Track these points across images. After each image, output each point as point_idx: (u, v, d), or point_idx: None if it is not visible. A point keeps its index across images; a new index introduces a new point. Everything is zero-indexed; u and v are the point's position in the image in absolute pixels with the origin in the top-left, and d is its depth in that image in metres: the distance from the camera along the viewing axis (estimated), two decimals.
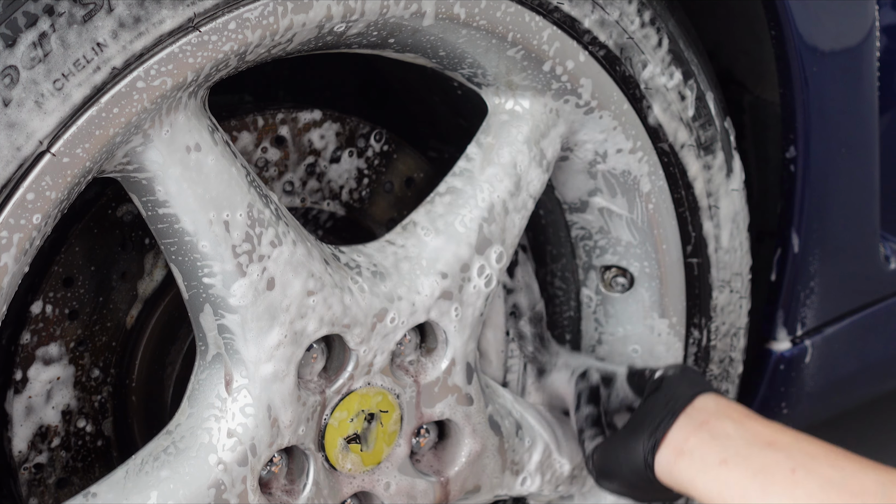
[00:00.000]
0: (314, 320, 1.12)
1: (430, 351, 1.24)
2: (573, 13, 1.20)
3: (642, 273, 1.38)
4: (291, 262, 1.10)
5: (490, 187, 1.22)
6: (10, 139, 0.92)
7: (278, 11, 1.02)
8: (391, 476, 1.23)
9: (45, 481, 1.19)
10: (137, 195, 1.05)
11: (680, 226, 1.37)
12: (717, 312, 1.44)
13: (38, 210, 0.95)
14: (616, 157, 1.31)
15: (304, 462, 1.17)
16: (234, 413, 1.10)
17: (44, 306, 1.15)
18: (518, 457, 1.33)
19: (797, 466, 1.16)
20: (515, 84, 1.22)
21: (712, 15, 1.40)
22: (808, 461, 1.17)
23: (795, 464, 1.16)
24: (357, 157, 1.29)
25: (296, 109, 1.24)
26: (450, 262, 1.20)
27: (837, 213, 1.47)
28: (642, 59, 1.27)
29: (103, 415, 1.22)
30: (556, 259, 1.43)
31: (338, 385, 1.17)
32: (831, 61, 1.37)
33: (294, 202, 1.27)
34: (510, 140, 1.23)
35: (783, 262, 1.47)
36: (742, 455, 1.20)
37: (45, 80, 0.92)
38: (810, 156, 1.41)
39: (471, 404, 1.27)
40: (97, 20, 0.93)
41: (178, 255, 1.06)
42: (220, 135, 1.06)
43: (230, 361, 1.10)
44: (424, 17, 1.12)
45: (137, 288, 1.21)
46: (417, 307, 1.19)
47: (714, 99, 1.35)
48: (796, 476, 1.15)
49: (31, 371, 1.15)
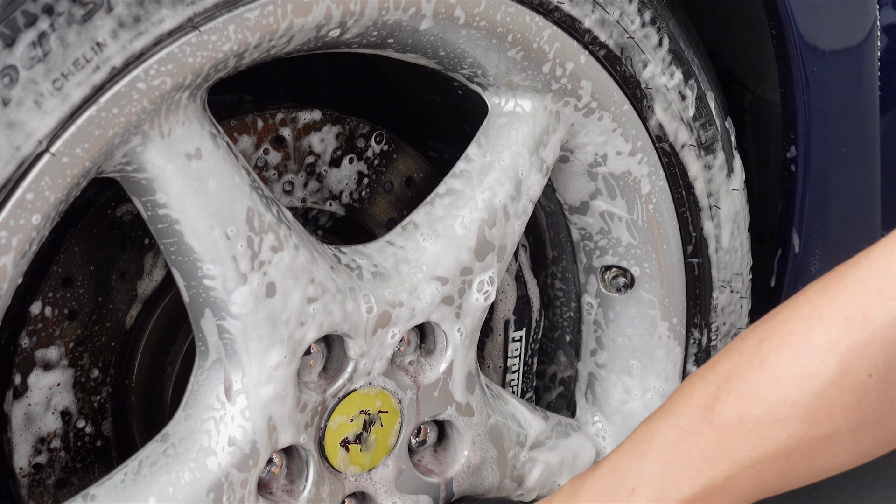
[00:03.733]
0: (314, 328, 1.12)
1: (429, 352, 1.24)
2: (573, 13, 1.20)
3: (643, 273, 1.38)
4: (292, 267, 1.10)
5: (490, 191, 1.22)
6: (9, 139, 0.91)
7: (278, 12, 1.02)
8: (391, 476, 1.23)
9: (45, 482, 1.19)
10: (137, 196, 1.04)
11: (680, 226, 1.37)
12: (717, 313, 1.44)
13: (37, 210, 0.95)
14: (616, 159, 1.31)
15: (303, 463, 1.17)
16: (233, 416, 1.10)
17: (43, 307, 1.15)
18: (518, 472, 1.33)
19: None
20: (516, 84, 1.22)
21: (713, 14, 1.40)
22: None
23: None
24: (357, 156, 1.29)
25: (295, 109, 1.24)
26: (450, 267, 1.20)
27: (838, 213, 1.47)
28: (643, 59, 1.27)
29: (102, 415, 1.21)
30: (557, 261, 1.43)
31: (337, 386, 1.16)
32: (832, 61, 1.37)
33: (294, 202, 1.26)
34: (510, 142, 1.23)
35: (784, 262, 1.47)
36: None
37: (45, 80, 0.92)
38: (811, 155, 1.40)
39: (471, 414, 1.27)
40: (97, 20, 0.93)
41: (178, 255, 1.06)
42: (221, 137, 1.06)
43: (230, 367, 1.10)
44: (424, 19, 1.12)
45: (137, 288, 1.20)
46: (417, 312, 1.19)
47: (715, 99, 1.35)
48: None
49: (31, 372, 1.15)
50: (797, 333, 1.01)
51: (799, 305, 1.02)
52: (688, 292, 1.41)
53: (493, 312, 1.42)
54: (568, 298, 1.44)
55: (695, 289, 1.41)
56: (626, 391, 1.44)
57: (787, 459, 1.03)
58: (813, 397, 1.00)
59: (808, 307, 1.01)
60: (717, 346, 1.46)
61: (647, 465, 1.08)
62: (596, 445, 1.43)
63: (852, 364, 0.98)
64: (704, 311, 1.43)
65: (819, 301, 1.01)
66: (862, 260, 1.01)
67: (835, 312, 0.99)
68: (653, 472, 1.08)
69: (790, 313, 1.03)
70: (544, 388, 1.51)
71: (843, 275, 1.01)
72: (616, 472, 1.11)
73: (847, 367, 0.98)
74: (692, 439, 1.06)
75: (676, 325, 1.41)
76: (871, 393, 0.98)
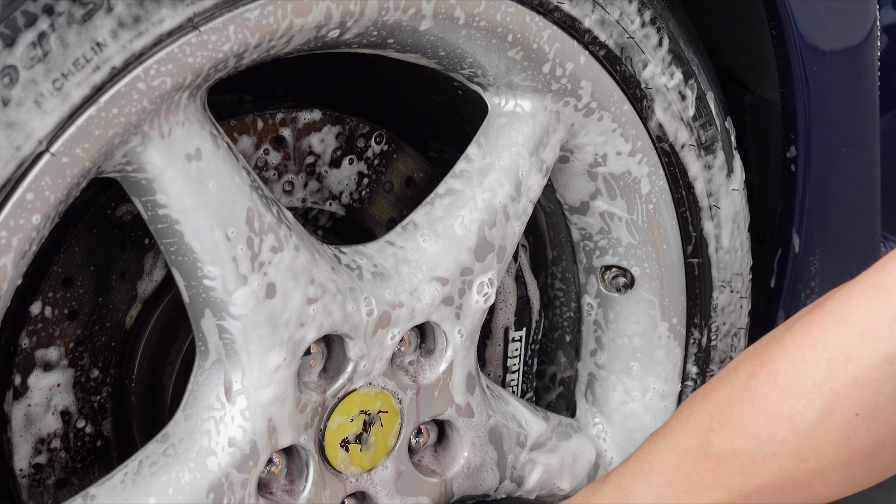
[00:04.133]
0: (314, 328, 1.12)
1: (429, 352, 1.24)
2: (573, 13, 1.20)
3: (643, 273, 1.38)
4: (293, 268, 1.09)
5: (490, 191, 1.22)
6: (9, 139, 0.91)
7: (278, 12, 1.02)
8: (391, 477, 1.23)
9: (45, 482, 1.19)
10: (137, 196, 1.04)
11: (680, 226, 1.37)
12: (717, 313, 1.44)
13: (37, 210, 0.95)
14: (616, 159, 1.31)
15: (303, 463, 1.17)
16: (233, 416, 1.10)
17: (43, 307, 1.15)
18: (518, 473, 1.33)
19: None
20: (516, 84, 1.22)
21: (713, 14, 1.40)
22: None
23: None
24: (357, 156, 1.29)
25: (295, 109, 1.24)
26: (450, 267, 1.20)
27: (838, 213, 1.47)
28: (643, 59, 1.27)
29: (102, 415, 1.21)
30: (557, 261, 1.43)
31: (337, 386, 1.16)
32: (832, 61, 1.37)
33: (294, 202, 1.26)
34: (510, 142, 1.23)
35: (784, 262, 1.47)
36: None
37: (45, 80, 0.92)
38: (811, 155, 1.40)
39: (471, 415, 1.27)
40: (96, 20, 0.93)
41: (179, 255, 1.06)
42: (221, 137, 1.06)
43: (230, 367, 1.10)
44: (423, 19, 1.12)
45: (137, 288, 1.20)
46: (417, 312, 1.19)
47: (714, 99, 1.35)
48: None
49: (31, 373, 1.15)
50: (783, 373, 1.02)
51: (784, 343, 1.03)
52: (688, 292, 1.40)
53: (493, 313, 1.42)
54: (568, 299, 1.44)
55: (695, 289, 1.41)
56: (625, 392, 1.44)
57: (781, 490, 1.04)
58: (801, 435, 1.01)
59: (793, 346, 1.02)
60: (716, 346, 1.46)
61: (649, 486, 1.11)
62: (597, 447, 1.43)
63: (838, 405, 0.99)
64: (704, 311, 1.43)
65: (803, 340, 1.02)
66: (843, 297, 1.01)
67: (818, 354, 1.00)
68: (655, 492, 1.11)
69: (776, 350, 1.04)
70: (544, 389, 1.51)
71: (825, 312, 1.02)
72: (622, 490, 1.14)
73: (833, 408, 0.99)
74: (690, 465, 1.09)
75: (676, 325, 1.41)
76: (860, 431, 0.99)
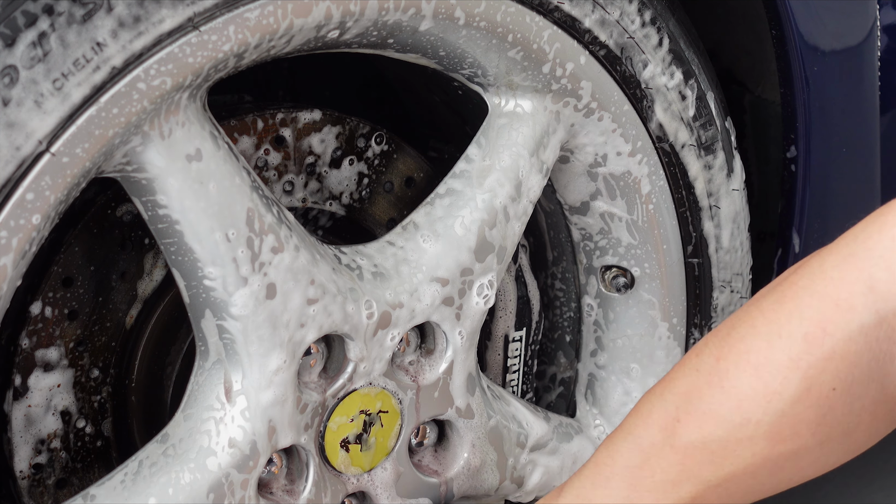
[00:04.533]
0: (314, 329, 1.12)
1: (429, 352, 1.23)
2: (573, 13, 1.20)
3: (643, 274, 1.38)
4: (293, 268, 1.09)
5: (490, 192, 1.22)
6: (9, 139, 0.91)
7: (278, 13, 1.02)
8: (391, 477, 1.23)
9: (45, 482, 1.19)
10: (137, 196, 1.04)
11: (680, 226, 1.37)
12: (718, 313, 1.44)
13: (37, 210, 0.95)
14: (616, 159, 1.31)
15: (303, 463, 1.16)
16: (233, 417, 1.10)
17: (43, 307, 1.15)
18: (518, 474, 1.33)
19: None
20: (516, 84, 1.22)
21: (713, 14, 1.40)
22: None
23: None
24: (357, 157, 1.29)
25: (296, 109, 1.24)
26: (450, 268, 1.20)
27: (838, 213, 1.47)
28: (643, 59, 1.27)
29: (103, 415, 1.21)
30: (557, 261, 1.43)
31: (337, 386, 1.16)
32: (832, 61, 1.37)
33: (294, 203, 1.26)
34: (510, 143, 1.23)
35: (784, 262, 1.47)
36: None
37: (45, 80, 0.92)
38: (811, 155, 1.40)
39: (472, 416, 1.27)
40: (97, 19, 0.93)
41: (179, 255, 1.06)
42: (222, 138, 1.06)
43: (230, 368, 1.10)
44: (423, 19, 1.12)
45: (137, 288, 1.20)
46: (417, 313, 1.18)
47: (715, 99, 1.35)
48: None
49: (31, 373, 1.15)
50: (756, 351, 0.99)
51: (754, 321, 1.00)
52: (688, 292, 1.40)
53: (493, 314, 1.42)
54: (568, 299, 1.44)
55: (695, 289, 1.41)
56: (626, 392, 1.44)
57: (753, 477, 1.02)
58: (777, 415, 0.98)
59: (765, 323, 0.99)
60: None
61: (611, 491, 1.07)
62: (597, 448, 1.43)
63: (815, 379, 0.97)
64: (705, 311, 1.43)
65: (776, 316, 0.99)
66: (815, 270, 0.99)
67: (794, 329, 0.97)
68: (618, 497, 1.06)
69: (746, 329, 1.01)
70: (544, 389, 1.50)
71: (798, 287, 0.99)
72: (581, 500, 1.09)
73: (810, 383, 0.97)
74: (655, 462, 1.04)
75: (676, 325, 1.41)
76: (837, 406, 0.97)
